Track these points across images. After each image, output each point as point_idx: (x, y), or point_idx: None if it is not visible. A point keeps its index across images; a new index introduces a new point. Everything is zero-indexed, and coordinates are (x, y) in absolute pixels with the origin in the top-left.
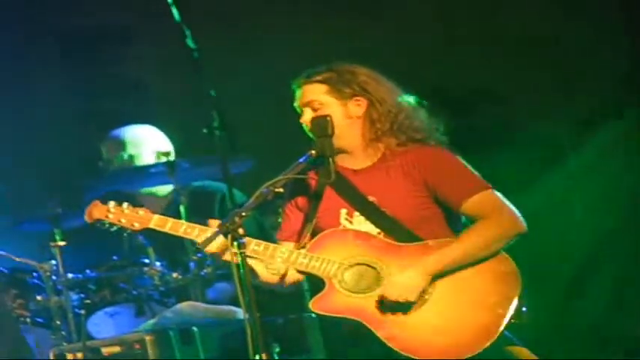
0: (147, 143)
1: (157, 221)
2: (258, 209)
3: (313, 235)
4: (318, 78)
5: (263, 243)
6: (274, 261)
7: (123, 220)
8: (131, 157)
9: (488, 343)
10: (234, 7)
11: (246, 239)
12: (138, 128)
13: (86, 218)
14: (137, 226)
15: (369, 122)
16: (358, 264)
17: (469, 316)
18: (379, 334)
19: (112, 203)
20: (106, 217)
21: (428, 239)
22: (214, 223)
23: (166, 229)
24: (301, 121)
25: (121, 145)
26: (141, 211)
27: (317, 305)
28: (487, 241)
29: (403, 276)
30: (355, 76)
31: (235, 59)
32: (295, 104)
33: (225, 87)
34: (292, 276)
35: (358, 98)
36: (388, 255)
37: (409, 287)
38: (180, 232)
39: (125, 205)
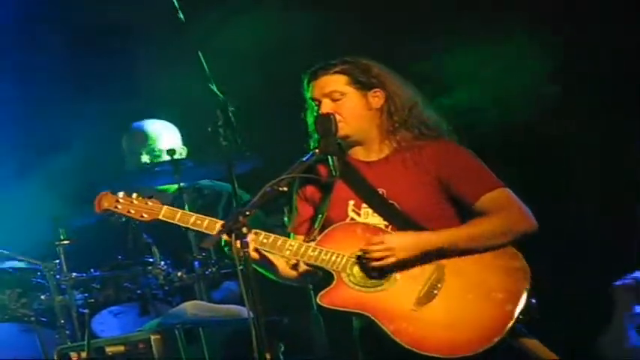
0: (161, 139)
1: (166, 212)
2: (263, 209)
3: (323, 227)
4: (337, 69)
5: (272, 235)
6: (283, 253)
7: (132, 211)
8: (153, 151)
9: (496, 339)
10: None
11: (255, 231)
12: (158, 123)
13: (95, 208)
14: (146, 217)
15: (386, 114)
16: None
17: (477, 311)
18: (387, 328)
19: (121, 194)
20: (115, 207)
21: None
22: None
23: (176, 221)
24: (319, 112)
25: (144, 137)
26: (150, 202)
27: (325, 299)
28: (495, 230)
29: (395, 235)
30: (370, 69)
31: (242, 58)
32: (309, 96)
33: (230, 85)
34: (304, 266)
35: (376, 90)
36: None
37: (399, 246)
38: (189, 224)
39: (134, 195)
